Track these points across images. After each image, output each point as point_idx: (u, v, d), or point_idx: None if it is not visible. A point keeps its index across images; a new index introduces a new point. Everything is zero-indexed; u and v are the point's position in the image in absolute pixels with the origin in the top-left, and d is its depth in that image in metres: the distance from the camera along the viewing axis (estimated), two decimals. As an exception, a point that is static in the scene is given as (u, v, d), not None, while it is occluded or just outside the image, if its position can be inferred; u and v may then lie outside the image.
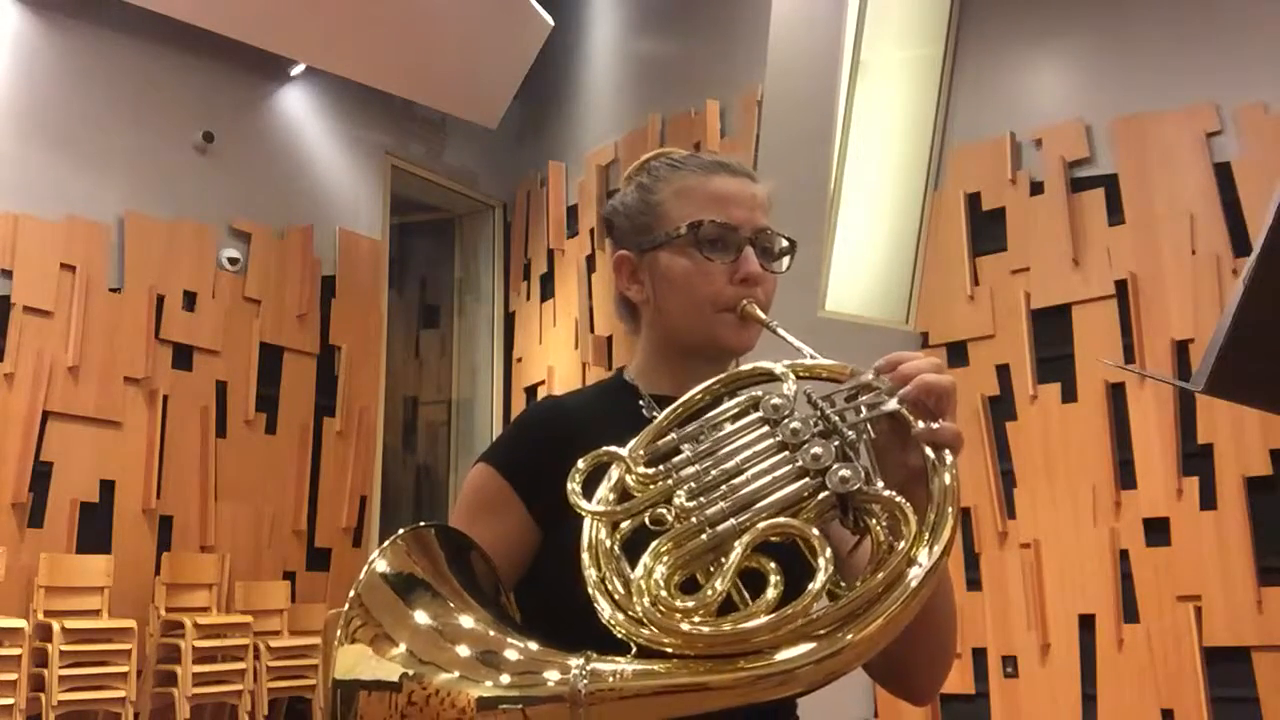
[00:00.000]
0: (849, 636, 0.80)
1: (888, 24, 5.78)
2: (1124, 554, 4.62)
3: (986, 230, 5.31)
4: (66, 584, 5.40)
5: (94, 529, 5.71)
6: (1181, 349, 4.66)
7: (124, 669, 5.20)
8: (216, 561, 6.01)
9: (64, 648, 5.05)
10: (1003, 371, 5.10)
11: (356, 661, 0.84)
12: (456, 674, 0.83)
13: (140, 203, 6.19)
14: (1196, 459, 4.54)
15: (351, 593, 0.86)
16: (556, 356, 6.95)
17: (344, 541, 6.74)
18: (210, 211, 6.46)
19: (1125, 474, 4.70)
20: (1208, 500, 4.47)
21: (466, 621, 0.88)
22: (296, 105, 7.08)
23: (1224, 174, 4.71)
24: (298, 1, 6.17)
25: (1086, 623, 4.65)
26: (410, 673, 0.83)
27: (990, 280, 5.23)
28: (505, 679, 0.83)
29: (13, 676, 4.91)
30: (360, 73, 6.78)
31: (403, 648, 0.84)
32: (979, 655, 4.88)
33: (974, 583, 4.95)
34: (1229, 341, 1.45)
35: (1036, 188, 5.20)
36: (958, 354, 5.24)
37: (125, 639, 5.25)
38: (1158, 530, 4.57)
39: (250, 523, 6.30)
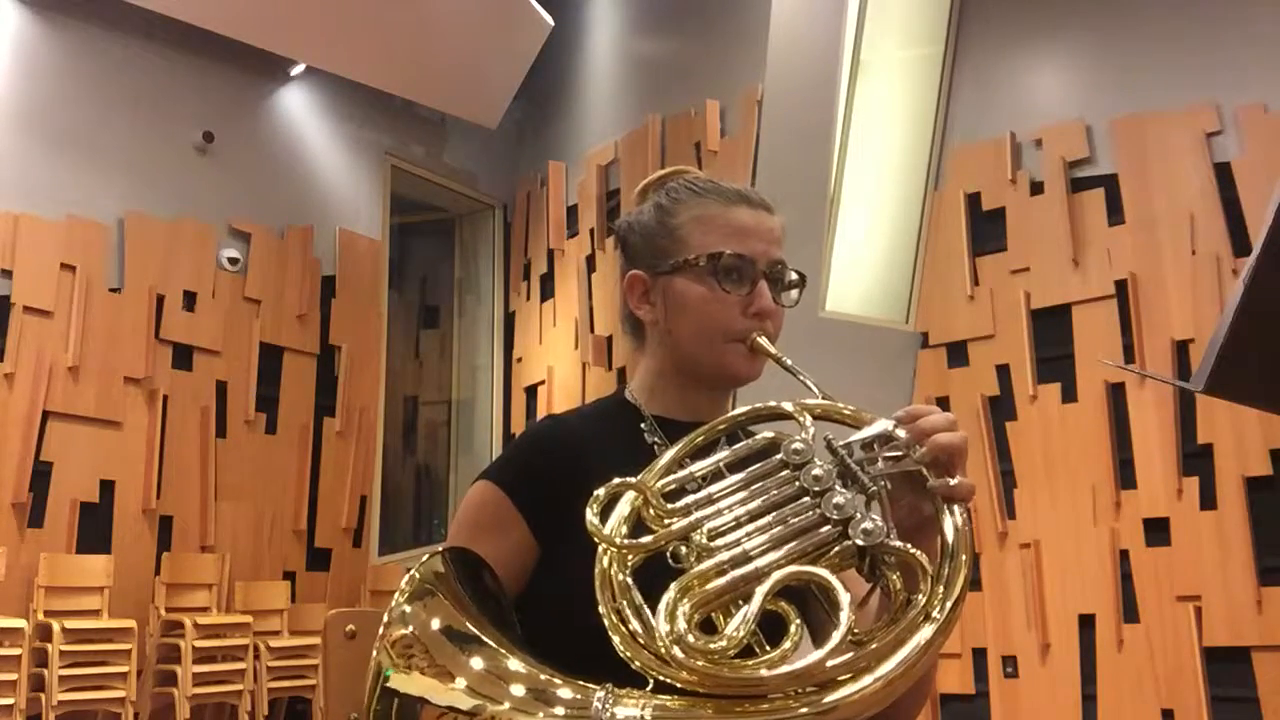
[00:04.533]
0: (858, 691, 0.82)
1: (888, 24, 5.78)
2: (1124, 554, 4.62)
3: (986, 230, 5.31)
4: (66, 584, 5.40)
5: (94, 529, 5.71)
6: (1181, 349, 4.66)
7: (124, 669, 5.20)
8: (216, 561, 6.01)
9: (64, 648, 5.05)
10: (1003, 371, 5.10)
11: (415, 687, 0.87)
12: (507, 706, 0.86)
13: (140, 203, 6.19)
14: (1196, 459, 4.54)
15: (383, 626, 0.88)
16: (556, 356, 6.95)
17: (344, 541, 6.74)
18: (210, 211, 6.46)
19: (1125, 474, 4.70)
20: (1208, 500, 4.47)
21: (492, 651, 0.89)
22: (296, 105, 7.08)
23: (1224, 174, 4.70)
24: (298, 1, 6.16)
25: (1086, 623, 4.65)
26: (473, 704, 0.85)
27: (990, 280, 5.23)
28: (541, 714, 0.85)
29: (13, 676, 4.91)
30: (360, 73, 6.78)
31: (462, 683, 0.86)
32: (979, 655, 4.88)
33: (974, 583, 4.89)
34: (1229, 341, 1.45)
35: (1036, 188, 5.20)
36: (958, 354, 5.24)
37: (125, 639, 5.25)
38: (1158, 530, 4.57)
39: (250, 523, 6.30)
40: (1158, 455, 4.61)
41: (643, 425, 1.19)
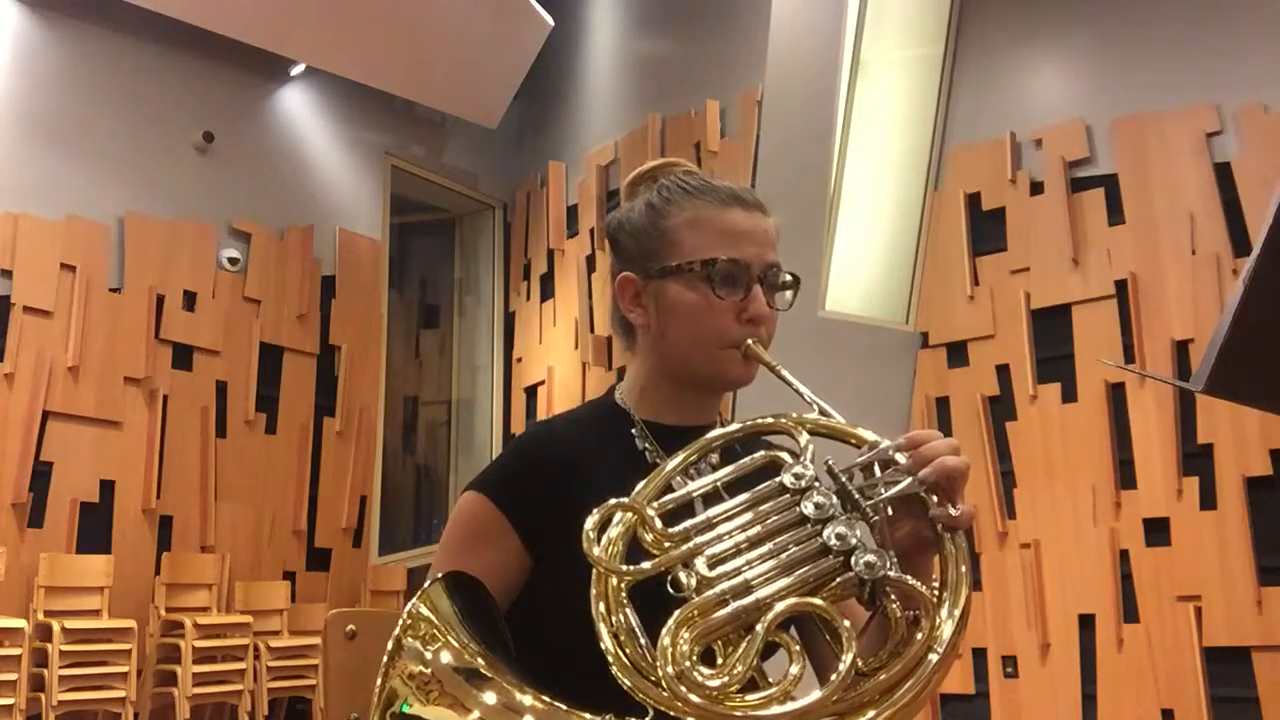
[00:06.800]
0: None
1: (888, 24, 5.78)
2: (1124, 554, 4.62)
3: (986, 230, 5.31)
4: (66, 584, 5.40)
5: (94, 529, 5.70)
6: (1181, 349, 4.66)
7: (124, 669, 5.20)
8: (216, 561, 6.01)
9: (64, 648, 5.05)
10: (1003, 371, 5.10)
11: (431, 714, 0.86)
12: None
13: (140, 203, 6.19)
14: (1196, 459, 4.54)
15: (391, 656, 0.87)
16: (556, 356, 6.95)
17: (344, 541, 6.74)
18: (210, 211, 6.46)
19: (1125, 474, 4.70)
20: (1208, 500, 4.47)
21: (501, 683, 0.88)
22: (296, 105, 7.08)
23: (1224, 174, 4.70)
24: (298, 1, 6.16)
25: (1086, 623, 4.65)
26: None
27: (990, 280, 5.23)
28: None
29: (13, 676, 4.91)
30: (360, 73, 6.78)
31: (475, 715, 0.85)
32: (979, 655, 4.88)
33: (974, 583, 4.94)
34: (1229, 341, 1.45)
35: (1036, 188, 5.20)
36: (958, 354, 5.24)
37: (125, 639, 5.25)
38: (1158, 530, 4.56)
39: (250, 523, 6.30)
40: (1158, 455, 4.61)
41: (633, 431, 1.17)
